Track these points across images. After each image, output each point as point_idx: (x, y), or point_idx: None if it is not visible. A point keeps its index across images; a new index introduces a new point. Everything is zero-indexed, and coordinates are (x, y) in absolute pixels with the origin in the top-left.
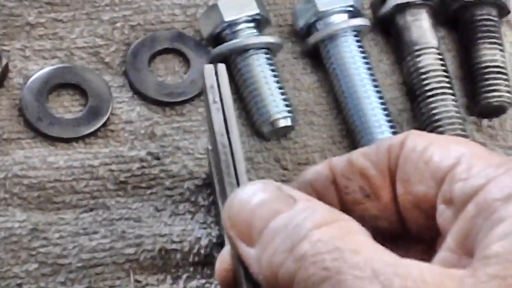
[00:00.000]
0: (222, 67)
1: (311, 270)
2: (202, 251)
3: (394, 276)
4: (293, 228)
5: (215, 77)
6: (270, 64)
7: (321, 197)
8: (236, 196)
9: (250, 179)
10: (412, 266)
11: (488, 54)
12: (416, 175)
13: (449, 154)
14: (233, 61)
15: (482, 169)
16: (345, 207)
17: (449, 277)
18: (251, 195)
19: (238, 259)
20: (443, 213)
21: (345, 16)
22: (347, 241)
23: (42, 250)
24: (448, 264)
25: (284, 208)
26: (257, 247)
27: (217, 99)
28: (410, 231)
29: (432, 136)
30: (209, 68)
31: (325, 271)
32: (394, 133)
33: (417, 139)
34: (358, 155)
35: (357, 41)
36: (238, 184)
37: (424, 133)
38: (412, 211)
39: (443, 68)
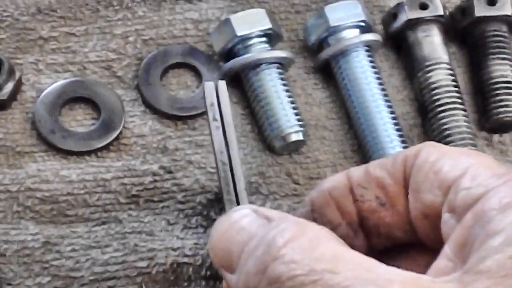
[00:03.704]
0: (222, 84)
1: None
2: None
3: None
4: (264, 248)
5: (215, 95)
6: (282, 79)
7: (339, 205)
8: (215, 227)
9: (261, 193)
10: (394, 282)
11: (499, 69)
12: (425, 184)
13: (458, 165)
14: (245, 75)
15: (485, 179)
16: (362, 215)
17: None
18: (230, 224)
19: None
20: (447, 221)
21: (357, 31)
22: (320, 259)
23: (54, 263)
24: (442, 272)
25: (259, 230)
26: (236, 273)
27: (217, 116)
28: (421, 240)
29: (446, 148)
30: (209, 86)
31: None
32: (405, 148)
33: (431, 150)
34: (375, 166)
35: (369, 56)
36: (237, 201)
37: (439, 144)
38: (421, 220)
39: (454, 83)
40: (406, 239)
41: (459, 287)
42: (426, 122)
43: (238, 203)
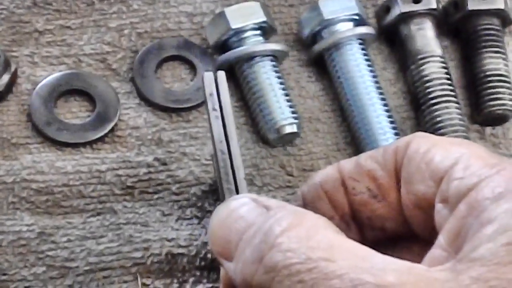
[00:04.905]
0: (222, 74)
1: (286, 283)
2: (209, 256)
3: (373, 286)
4: (261, 237)
5: (214, 85)
6: (276, 71)
7: (331, 198)
8: (214, 215)
9: (255, 185)
10: (389, 271)
11: (492, 63)
12: (417, 175)
13: (449, 155)
14: (239, 68)
15: (478, 169)
16: (354, 208)
17: (430, 282)
18: (229, 212)
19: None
20: (440, 212)
21: (350, 24)
22: (316, 248)
23: (50, 253)
24: (437, 261)
25: (258, 218)
26: (234, 261)
27: (216, 106)
28: (414, 231)
29: (436, 138)
30: (208, 76)
31: (301, 284)
32: None
33: (421, 140)
34: (366, 158)
35: (362, 49)
36: (236, 190)
37: (429, 135)
38: (413, 211)
39: (447, 76)
40: (399, 231)
41: (453, 275)
42: (419, 115)
43: (237, 192)
